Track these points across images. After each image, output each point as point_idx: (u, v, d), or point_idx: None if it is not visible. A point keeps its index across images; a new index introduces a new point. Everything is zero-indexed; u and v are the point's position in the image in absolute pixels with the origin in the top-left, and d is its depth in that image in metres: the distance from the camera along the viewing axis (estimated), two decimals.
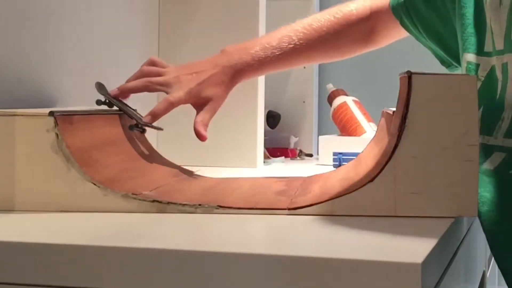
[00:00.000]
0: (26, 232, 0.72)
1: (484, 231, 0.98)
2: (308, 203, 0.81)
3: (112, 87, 1.05)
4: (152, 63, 1.10)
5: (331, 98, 1.79)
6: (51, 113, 0.83)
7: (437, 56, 1.16)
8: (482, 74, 0.97)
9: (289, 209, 0.81)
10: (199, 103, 1.07)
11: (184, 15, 1.52)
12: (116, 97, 1.04)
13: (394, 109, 0.86)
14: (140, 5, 1.48)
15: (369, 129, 1.68)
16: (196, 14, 1.52)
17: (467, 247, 1.06)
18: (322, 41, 1.17)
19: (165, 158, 1.09)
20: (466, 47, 1.01)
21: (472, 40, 1.00)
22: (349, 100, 1.75)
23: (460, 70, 1.06)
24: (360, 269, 0.58)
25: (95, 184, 0.82)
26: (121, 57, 1.39)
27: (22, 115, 0.83)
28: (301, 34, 1.16)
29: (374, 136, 1.02)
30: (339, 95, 1.78)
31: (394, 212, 0.79)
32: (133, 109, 1.05)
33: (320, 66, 2.03)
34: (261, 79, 1.50)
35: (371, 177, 0.80)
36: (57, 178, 0.82)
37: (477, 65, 0.98)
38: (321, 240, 0.70)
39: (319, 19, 1.18)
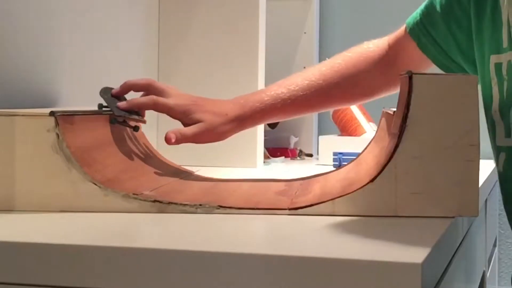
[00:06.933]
0: (26, 232, 0.72)
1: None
2: (308, 203, 0.81)
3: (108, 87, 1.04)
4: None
5: None
6: (52, 113, 0.83)
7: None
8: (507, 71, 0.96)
9: (289, 209, 0.81)
10: (187, 123, 1.03)
11: (184, 15, 1.52)
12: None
13: (395, 109, 0.86)
14: (140, 5, 1.48)
15: (369, 129, 1.67)
16: (196, 15, 1.52)
17: (467, 247, 1.06)
18: (341, 76, 1.13)
19: (165, 158, 1.09)
20: (491, 49, 1.00)
21: (494, 40, 0.99)
22: None
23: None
24: (360, 269, 0.58)
25: (95, 184, 0.82)
26: (121, 57, 1.39)
27: (22, 115, 0.83)
28: (317, 72, 1.13)
29: (374, 136, 1.02)
30: None
31: (395, 212, 0.79)
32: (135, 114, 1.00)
33: None
34: (261, 79, 1.50)
35: (371, 177, 0.80)
36: (58, 178, 0.82)
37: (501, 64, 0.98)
38: (321, 240, 0.70)
39: (336, 57, 1.15)
